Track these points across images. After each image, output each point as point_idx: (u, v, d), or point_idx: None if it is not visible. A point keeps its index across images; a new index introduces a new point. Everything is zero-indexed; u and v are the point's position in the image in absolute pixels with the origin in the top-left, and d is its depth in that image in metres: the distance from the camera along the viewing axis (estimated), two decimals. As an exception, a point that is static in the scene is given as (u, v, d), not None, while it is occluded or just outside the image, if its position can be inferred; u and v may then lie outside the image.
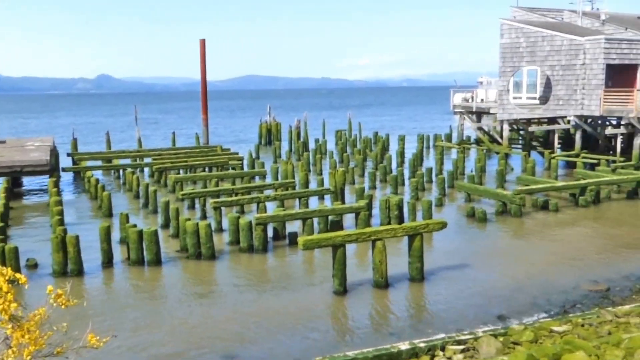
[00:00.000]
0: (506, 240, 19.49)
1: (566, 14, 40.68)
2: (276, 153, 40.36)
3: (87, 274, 16.15)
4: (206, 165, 32.60)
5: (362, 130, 53.36)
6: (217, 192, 23.44)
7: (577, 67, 32.64)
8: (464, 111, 42.44)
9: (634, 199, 24.98)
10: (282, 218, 18.72)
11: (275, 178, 29.47)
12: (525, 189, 23.24)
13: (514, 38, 35.03)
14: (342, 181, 24.30)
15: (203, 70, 48.52)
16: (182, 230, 18.00)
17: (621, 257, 16.95)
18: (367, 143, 43.56)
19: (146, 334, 12.37)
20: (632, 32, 35.33)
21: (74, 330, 5.36)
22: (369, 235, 14.57)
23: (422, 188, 27.29)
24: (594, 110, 32.19)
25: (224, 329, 12.59)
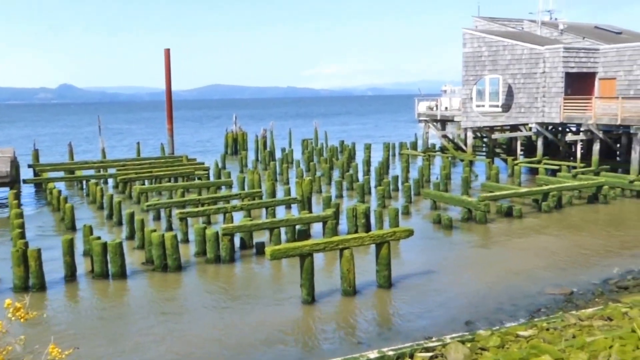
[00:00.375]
0: (472, 246, 19.73)
1: (526, 23, 41.75)
2: (242, 163, 40.09)
3: (50, 288, 15.68)
4: (172, 175, 32.13)
5: (328, 139, 53.53)
6: (183, 203, 23.11)
7: (538, 76, 33.48)
8: (429, 119, 43.02)
9: (594, 203, 25.67)
10: (249, 228, 18.55)
11: (241, 188, 29.23)
12: (490, 195, 23.62)
13: (476, 47, 35.73)
14: (309, 190, 24.26)
15: (168, 80, 47.98)
16: (147, 242, 17.65)
17: (583, 261, 17.34)
18: (334, 152, 43.67)
19: (110, 348, 12.03)
20: (589, 42, 36.47)
21: (35, 344, 5.23)
22: (337, 244, 14.54)
23: (389, 196, 27.47)
24: (555, 118, 33.02)
25: (190, 342, 12.34)
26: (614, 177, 28.08)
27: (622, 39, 38.08)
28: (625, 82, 32.51)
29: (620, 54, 32.81)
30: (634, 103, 29.42)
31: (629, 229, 21.41)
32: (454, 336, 10.44)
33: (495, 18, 41.60)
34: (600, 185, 26.03)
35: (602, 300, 13.68)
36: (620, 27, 43.72)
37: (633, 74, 32.15)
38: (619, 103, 29.08)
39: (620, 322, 10.61)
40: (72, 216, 22.75)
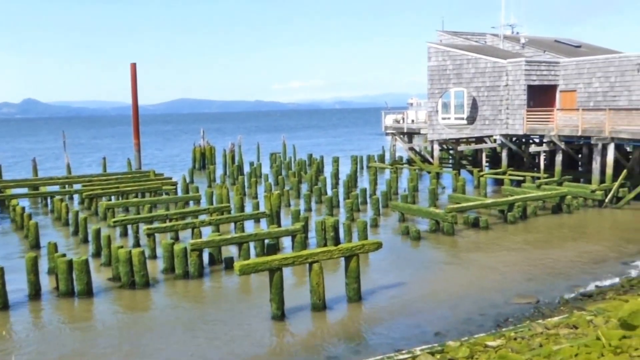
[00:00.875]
0: (440, 257, 19.93)
1: (489, 37, 42.73)
2: (211, 177, 39.76)
3: (12, 307, 15.24)
4: (139, 190, 31.62)
5: (296, 152, 53.57)
6: (151, 218, 22.75)
7: (501, 88, 34.24)
8: (396, 132, 43.48)
9: (558, 213, 26.27)
10: (217, 243, 18.35)
11: (210, 202, 28.95)
12: (457, 207, 23.94)
13: (440, 61, 36.37)
14: (278, 204, 24.19)
15: (134, 94, 47.41)
16: (114, 259, 17.30)
17: (548, 270, 17.68)
18: (302, 165, 43.70)
19: (73, 372, 11.68)
20: (550, 55, 37.52)
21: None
22: (306, 258, 14.49)
23: (357, 209, 27.58)
24: (518, 129, 33.77)
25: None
26: (576, 187, 28.82)
27: (581, 52, 39.31)
28: (585, 94, 33.52)
29: (580, 67, 33.85)
30: (594, 114, 30.32)
31: (592, 237, 21.96)
32: (424, 348, 10.47)
33: (459, 32, 42.46)
34: (564, 195, 26.67)
35: (567, 308, 13.94)
36: (579, 41, 45.15)
37: (592, 86, 33.18)
38: (580, 115, 29.92)
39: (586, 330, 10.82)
40: (36, 234, 22.14)
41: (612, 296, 14.53)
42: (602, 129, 28.20)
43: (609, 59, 32.67)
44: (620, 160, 28.69)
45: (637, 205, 27.44)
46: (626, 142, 27.83)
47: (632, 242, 20.98)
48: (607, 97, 32.39)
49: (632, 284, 15.59)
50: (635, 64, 31.16)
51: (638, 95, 31.09)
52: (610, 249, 20.10)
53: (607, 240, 21.38)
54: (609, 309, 12.10)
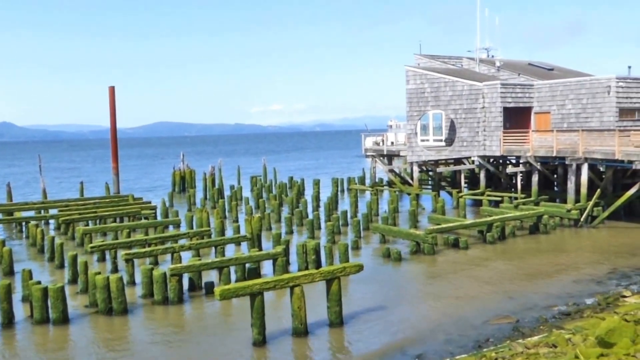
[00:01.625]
0: (421, 279, 19.99)
1: (465, 61, 43.59)
2: (191, 201, 39.49)
3: (-17, 338, 14.80)
4: (117, 215, 31.26)
5: (277, 175, 53.58)
6: (129, 244, 22.46)
7: (478, 111, 34.85)
8: (376, 154, 43.83)
9: (535, 233, 26.62)
10: (197, 268, 18.18)
11: (190, 227, 28.73)
12: (437, 228, 24.12)
13: (419, 84, 36.95)
14: (259, 227, 24.09)
15: (113, 118, 47.16)
16: (91, 285, 17.00)
17: (527, 290, 17.85)
18: (283, 188, 43.69)
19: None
20: (524, 78, 38.38)
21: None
22: (287, 282, 14.43)
23: (338, 231, 27.60)
24: (495, 151, 34.31)
25: (136, 390, 11.83)
26: (552, 206, 29.30)
27: (554, 75, 40.28)
28: (558, 115, 34.29)
29: (553, 89, 34.67)
30: (568, 135, 30.98)
31: (569, 257, 22.26)
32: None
33: (436, 56, 43.25)
34: (540, 215, 27.08)
35: (546, 327, 14.07)
36: (551, 64, 46.29)
37: (565, 108, 33.97)
38: (554, 136, 30.55)
39: (565, 349, 10.94)
40: (10, 260, 21.70)
41: (589, 314, 14.71)
42: (575, 150, 28.81)
43: (581, 82, 33.56)
44: (594, 179, 29.29)
45: (612, 224, 27.98)
46: (599, 162, 28.46)
47: (607, 260, 21.33)
48: (580, 118, 33.18)
49: (608, 302, 15.81)
50: (605, 87, 32.05)
51: (609, 117, 31.93)
52: (586, 267, 20.39)
53: (583, 259, 21.70)
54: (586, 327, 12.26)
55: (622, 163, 26.91)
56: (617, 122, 31.68)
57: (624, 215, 29.22)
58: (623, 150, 26.47)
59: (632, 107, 32.84)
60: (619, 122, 31.72)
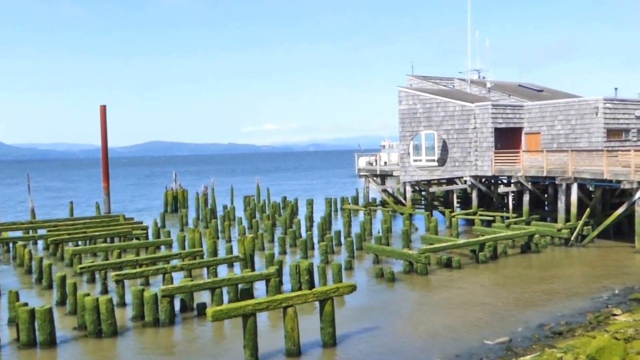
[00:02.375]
0: (414, 299, 19.93)
1: (456, 82, 44.06)
2: (183, 221, 39.32)
3: (-31, 362, 14.57)
4: (107, 235, 31.05)
5: (270, 195, 53.53)
6: (120, 264, 22.30)
7: (470, 131, 35.13)
8: (369, 174, 43.96)
9: (527, 252, 26.69)
10: (189, 289, 18.03)
11: (182, 247, 28.58)
12: (430, 247, 24.13)
13: (411, 104, 37.25)
14: (252, 248, 24.00)
15: (104, 137, 47.14)
16: (80, 307, 16.79)
17: (519, 309, 17.83)
18: (276, 208, 43.63)
19: None
20: (514, 99, 38.82)
21: None
22: (280, 302, 14.35)
23: (332, 251, 27.54)
24: (487, 171, 34.52)
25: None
26: (543, 226, 29.45)
27: (543, 97, 40.77)
28: (548, 136, 34.62)
29: (543, 110, 35.06)
30: (557, 156, 31.27)
31: (560, 275, 22.30)
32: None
33: (427, 76, 43.71)
34: (532, 234, 27.20)
35: (539, 346, 14.04)
36: (541, 85, 46.89)
37: (555, 128, 34.33)
38: (544, 156, 30.81)
39: (557, 369, 10.91)
40: (-2, 282, 21.45)
41: (581, 333, 14.73)
42: (565, 170, 29.06)
43: (569, 103, 33.99)
44: (584, 199, 29.50)
45: (601, 242, 28.15)
46: (588, 181, 28.70)
47: (597, 279, 21.40)
48: (569, 139, 33.53)
49: (599, 321, 15.84)
50: (593, 108, 32.46)
51: (597, 137, 32.29)
52: (577, 286, 20.43)
53: (574, 278, 21.76)
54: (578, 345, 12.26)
55: (610, 183, 27.17)
56: (605, 142, 32.04)
57: (613, 234, 29.40)
58: (611, 170, 26.73)
59: (619, 128, 33.27)
60: (607, 143, 32.08)
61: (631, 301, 18.04)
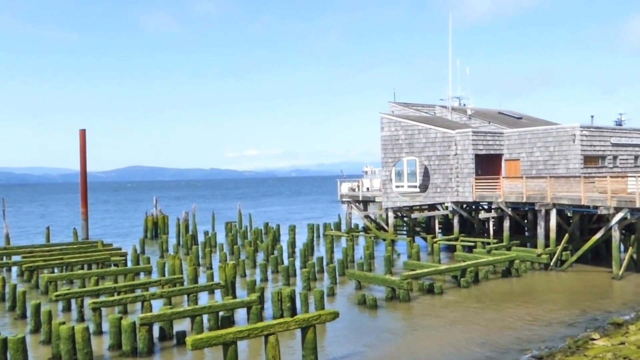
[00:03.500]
0: (396, 325, 19.80)
1: (438, 109, 44.65)
2: (163, 247, 38.82)
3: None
4: (85, 262, 30.49)
5: (252, 221, 53.22)
6: (97, 292, 21.84)
7: (451, 157, 35.49)
8: (351, 200, 44.01)
9: (507, 277, 26.82)
10: (169, 317, 17.69)
11: (161, 274, 28.14)
12: (412, 273, 24.10)
13: (393, 131, 37.59)
14: (233, 274, 23.71)
15: (83, 161, 46.66)
16: (54, 336, 16.36)
17: (501, 334, 17.82)
18: (258, 234, 43.36)
19: None
20: (494, 126, 39.42)
21: None
22: (261, 330, 14.15)
23: (314, 278, 27.35)
24: (468, 197, 34.80)
25: None
26: (523, 251, 29.69)
27: (522, 124, 41.46)
28: (527, 162, 35.12)
29: (522, 137, 35.62)
30: (536, 182, 31.68)
31: (540, 300, 22.38)
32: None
33: (409, 103, 44.23)
34: (512, 260, 27.37)
35: (522, 374, 13.99)
36: (520, 112, 47.75)
37: (534, 155, 34.85)
38: (523, 182, 31.19)
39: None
40: (-30, 311, 20.84)
41: (560, 358, 14.77)
42: (544, 196, 29.43)
43: (548, 130, 34.60)
44: (562, 224, 29.86)
45: (580, 267, 28.44)
46: (566, 207, 29.09)
47: (576, 303, 21.54)
48: (548, 165, 34.05)
49: (578, 345, 15.91)
50: (571, 135, 33.09)
51: (574, 164, 32.85)
52: (557, 311, 20.52)
53: (554, 303, 21.86)
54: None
55: (588, 208, 27.58)
56: (582, 169, 32.60)
57: (591, 259, 29.73)
58: (588, 196, 27.16)
59: (596, 155, 33.90)
60: (584, 169, 32.64)
61: (609, 325, 18.16)
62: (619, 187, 27.01)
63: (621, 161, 35.30)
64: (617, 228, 25.94)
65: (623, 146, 35.51)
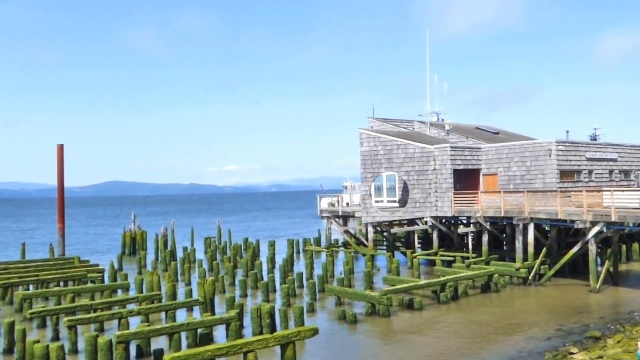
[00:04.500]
0: (376, 341, 19.77)
1: (416, 124, 45.10)
2: (141, 263, 38.32)
3: None
4: (61, 279, 29.94)
5: (232, 236, 52.87)
6: (73, 309, 21.44)
7: (429, 172, 35.80)
8: (331, 215, 44.03)
9: (487, 292, 26.98)
10: (146, 334, 17.42)
11: (139, 290, 27.75)
12: (392, 289, 24.12)
13: (372, 146, 37.82)
14: (212, 291, 23.50)
15: (60, 177, 45.97)
16: (28, 355, 16.04)
17: (480, 349, 17.89)
18: (238, 250, 43.06)
19: None
20: (472, 141, 39.92)
21: None
22: (240, 347, 14.02)
23: (294, 294, 27.21)
24: (447, 211, 35.07)
25: None
26: (502, 265, 29.94)
27: (499, 139, 42.06)
28: (505, 177, 35.58)
29: (499, 152, 36.12)
30: (514, 197, 32.10)
31: (519, 315, 22.56)
32: None
33: (388, 119, 44.59)
34: (491, 274, 27.57)
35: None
36: (497, 128, 48.45)
37: (511, 170, 35.34)
38: (501, 197, 31.57)
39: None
40: (-60, 330, 20.28)
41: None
42: (522, 210, 29.80)
43: (524, 145, 35.16)
44: (540, 238, 30.23)
45: (558, 281, 28.76)
46: (544, 221, 29.48)
47: (555, 317, 21.73)
48: (525, 180, 34.54)
49: (556, 359, 16.02)
50: (547, 150, 33.66)
51: (551, 178, 33.38)
52: (535, 325, 20.68)
53: (532, 317, 22.04)
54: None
55: (565, 222, 27.98)
56: (558, 183, 33.13)
57: (569, 273, 30.12)
58: (565, 210, 27.58)
59: (572, 169, 34.52)
60: (560, 184, 33.18)
61: (587, 339, 18.35)
62: (594, 201, 27.49)
63: (596, 175, 35.97)
64: (593, 242, 26.35)
65: (598, 160, 36.23)
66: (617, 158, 37.51)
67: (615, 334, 18.65)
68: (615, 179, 37.11)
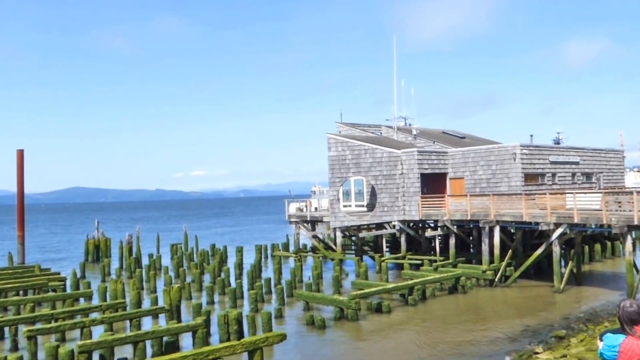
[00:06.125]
0: (345, 345, 19.69)
1: (384, 129, 45.38)
2: (105, 271, 37.40)
3: None
4: (21, 288, 28.97)
5: (198, 243, 52.15)
6: (33, 319, 20.73)
7: (397, 177, 36.02)
8: (299, 220, 43.86)
9: (454, 294, 27.24)
10: (110, 343, 16.93)
11: (103, 299, 27.04)
12: (360, 293, 24.09)
13: (340, 151, 37.86)
14: (178, 298, 23.03)
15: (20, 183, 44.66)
16: (-16, 369, 15.37)
17: (447, 351, 17.98)
18: (205, 256, 42.47)
19: None
20: (439, 145, 40.38)
21: None
22: (207, 355, 13.74)
23: (262, 299, 26.93)
24: (414, 215, 35.32)
25: None
26: (469, 268, 30.28)
27: (466, 143, 42.67)
28: (471, 181, 36.07)
29: (465, 156, 36.61)
30: (480, 200, 32.55)
31: (485, 316, 22.82)
32: None
33: (356, 124, 44.75)
34: (458, 277, 27.85)
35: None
36: (463, 132, 49.17)
37: (477, 173, 35.85)
38: (468, 200, 31.97)
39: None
40: None
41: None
42: (488, 213, 30.23)
43: (490, 149, 35.72)
44: (506, 241, 30.71)
45: (523, 282, 29.25)
46: (509, 224, 29.99)
47: (520, 318, 22.06)
48: (490, 183, 35.08)
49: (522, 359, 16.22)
50: (512, 154, 34.27)
51: (516, 182, 33.99)
52: (501, 326, 20.94)
53: (498, 318, 22.32)
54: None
55: (530, 224, 28.51)
56: (523, 186, 33.75)
57: (534, 274, 30.66)
58: (530, 212, 28.09)
59: (536, 173, 35.22)
60: (525, 187, 33.81)
61: (552, 339, 18.65)
62: (558, 204, 28.09)
63: (559, 178, 36.80)
64: (557, 243, 26.90)
65: (561, 164, 37.08)
66: (579, 161, 38.47)
67: (578, 333, 19.01)
68: (578, 182, 38.05)
